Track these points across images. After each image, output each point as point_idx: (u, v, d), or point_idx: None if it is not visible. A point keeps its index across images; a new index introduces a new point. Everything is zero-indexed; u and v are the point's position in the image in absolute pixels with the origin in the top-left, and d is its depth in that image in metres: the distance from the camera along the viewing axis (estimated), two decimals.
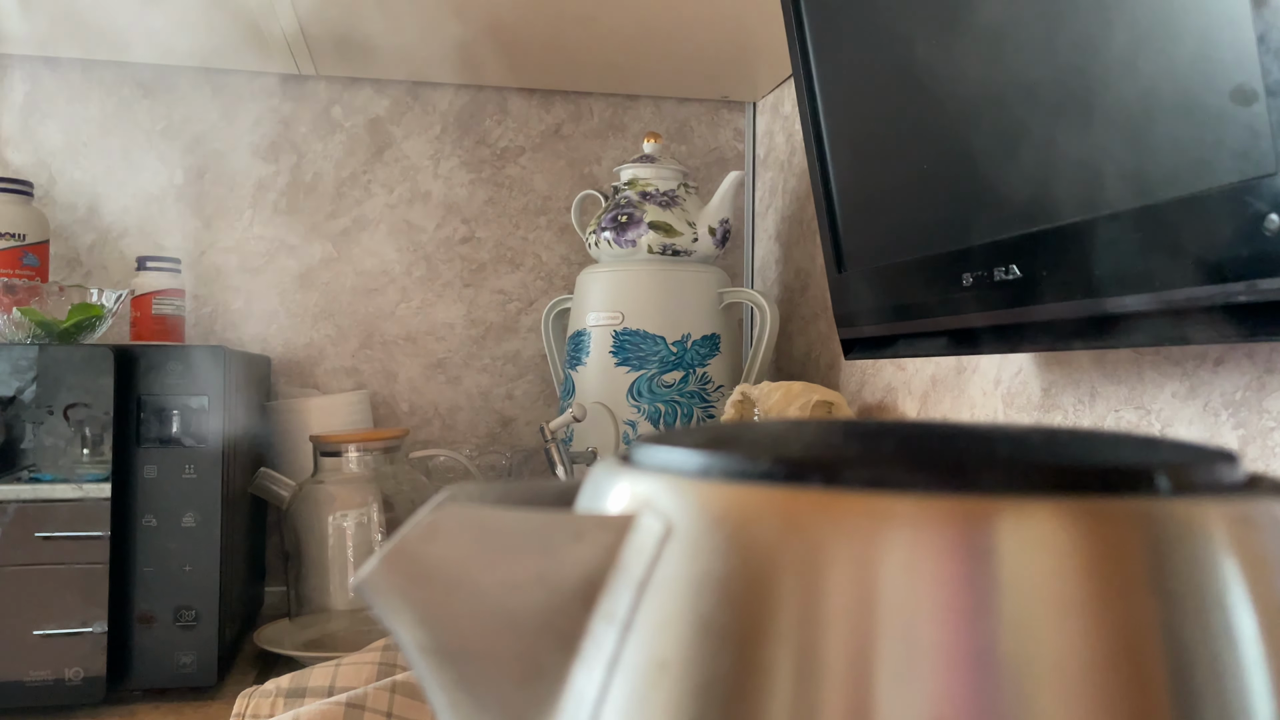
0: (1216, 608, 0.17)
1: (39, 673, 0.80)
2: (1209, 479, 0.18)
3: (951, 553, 0.16)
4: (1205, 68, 0.42)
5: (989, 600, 0.16)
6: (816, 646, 0.16)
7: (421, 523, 0.19)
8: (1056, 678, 0.16)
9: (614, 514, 0.19)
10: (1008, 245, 0.56)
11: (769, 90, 1.29)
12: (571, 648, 0.18)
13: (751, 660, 0.16)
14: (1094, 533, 0.16)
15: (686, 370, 1.06)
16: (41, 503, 0.81)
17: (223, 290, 1.21)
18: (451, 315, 1.27)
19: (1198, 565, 0.17)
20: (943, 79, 0.61)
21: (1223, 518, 0.17)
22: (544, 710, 0.18)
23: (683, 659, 0.17)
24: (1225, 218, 0.43)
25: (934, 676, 0.16)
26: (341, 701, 0.67)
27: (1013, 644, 0.16)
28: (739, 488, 0.18)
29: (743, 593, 0.17)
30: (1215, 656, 0.16)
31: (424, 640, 0.19)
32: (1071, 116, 0.50)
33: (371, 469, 1.00)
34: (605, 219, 1.10)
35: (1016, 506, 0.16)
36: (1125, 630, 0.16)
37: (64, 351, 0.84)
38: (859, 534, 0.16)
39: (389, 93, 1.26)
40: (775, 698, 0.16)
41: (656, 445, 0.20)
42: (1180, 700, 0.16)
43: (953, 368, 0.87)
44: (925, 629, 0.16)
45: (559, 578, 0.18)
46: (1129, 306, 0.49)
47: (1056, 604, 0.16)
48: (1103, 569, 0.16)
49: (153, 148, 1.20)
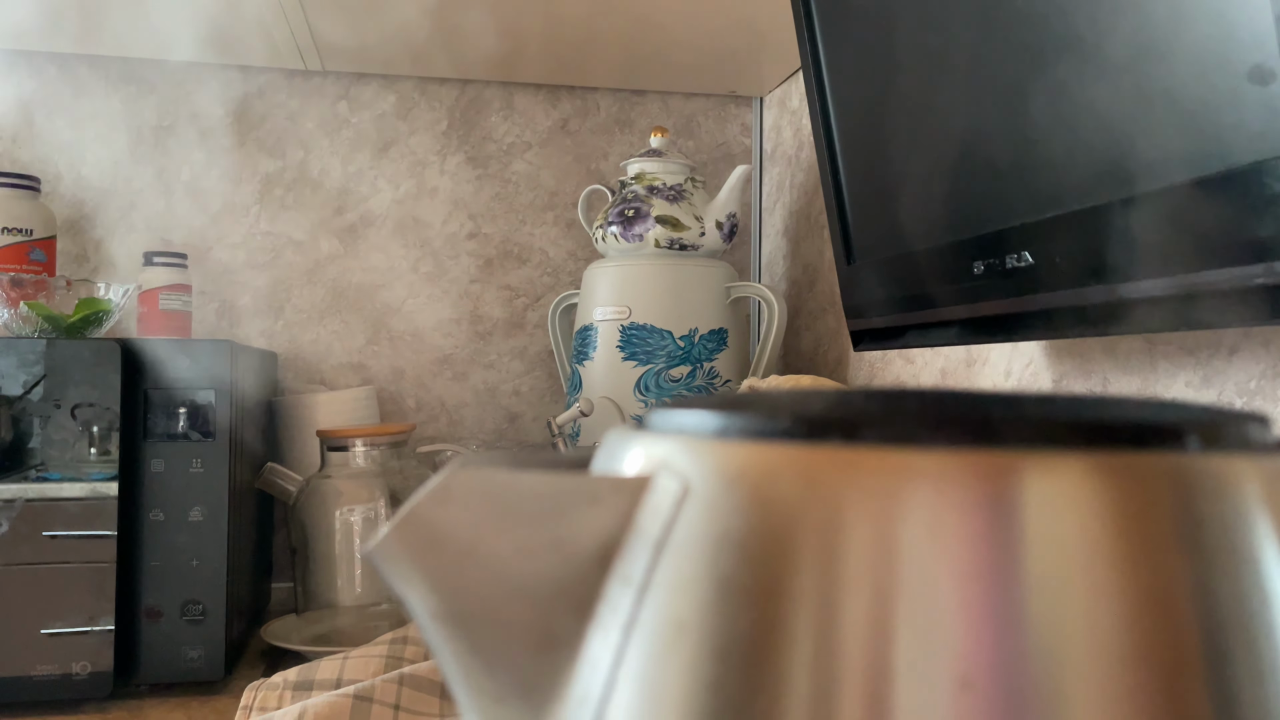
0: (1248, 563, 0.16)
1: (46, 667, 0.80)
2: (1240, 437, 0.18)
3: (976, 509, 0.16)
4: (1222, 48, 0.42)
5: (1014, 557, 0.16)
6: (838, 605, 0.16)
7: (434, 488, 0.18)
8: (1084, 635, 0.15)
9: (629, 476, 0.19)
10: (1019, 232, 0.56)
11: (776, 85, 1.29)
12: (586, 613, 0.18)
13: (772, 620, 0.16)
14: (1123, 488, 0.16)
15: (694, 365, 1.06)
16: (49, 501, 0.80)
17: (229, 286, 1.21)
18: (458, 311, 1.27)
19: (1229, 521, 0.16)
20: (951, 66, 0.61)
21: (1255, 473, 0.17)
22: (559, 676, 0.18)
23: (701, 620, 0.17)
24: (1242, 199, 0.42)
25: (958, 635, 0.15)
26: (349, 693, 0.67)
27: (1039, 602, 0.15)
28: (757, 446, 0.17)
29: (762, 551, 0.16)
30: (1248, 613, 0.16)
31: (436, 607, 0.18)
32: (1084, 100, 0.50)
33: (378, 464, 1.00)
34: (612, 213, 1.09)
35: (1043, 461, 0.16)
36: (1155, 586, 0.16)
37: (71, 346, 0.84)
38: (880, 491, 0.16)
39: (396, 88, 1.25)
40: (796, 658, 0.16)
41: (671, 409, 0.20)
42: (1212, 656, 0.15)
43: (962, 360, 0.87)
44: (949, 586, 0.16)
45: (574, 542, 0.18)
46: (1144, 292, 0.48)
47: (1084, 560, 0.15)
48: (1132, 524, 0.16)
49: (160, 143, 1.20)
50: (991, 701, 0.15)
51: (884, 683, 0.15)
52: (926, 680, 0.15)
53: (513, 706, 0.18)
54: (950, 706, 0.15)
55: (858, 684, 0.15)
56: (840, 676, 0.16)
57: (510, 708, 0.18)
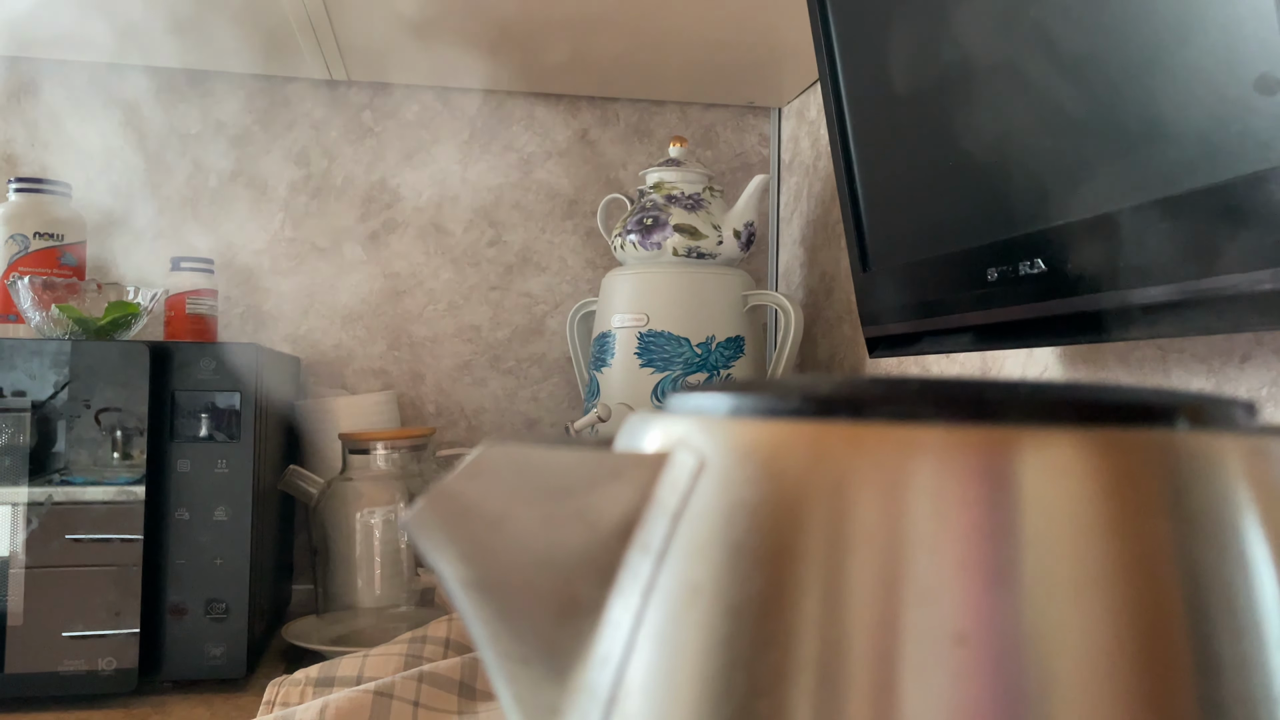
0: (1230, 532, 0.17)
1: (73, 663, 0.82)
2: (1224, 418, 0.19)
3: (975, 479, 0.17)
4: (1229, 57, 0.43)
5: (1009, 524, 0.17)
6: (843, 568, 0.17)
7: (466, 463, 0.20)
8: (1073, 596, 0.16)
9: (649, 452, 0.20)
10: (1033, 239, 0.57)
11: (794, 96, 1.30)
12: (609, 581, 0.19)
13: (781, 581, 0.17)
14: (1112, 461, 0.17)
15: (711, 372, 1.07)
16: (75, 505, 0.82)
17: (254, 291, 1.23)
18: (478, 317, 1.28)
19: (1212, 492, 0.17)
20: (965, 76, 0.62)
21: (1237, 449, 0.18)
22: (581, 639, 0.19)
23: (715, 582, 0.18)
24: (1250, 206, 0.43)
25: (955, 595, 0.16)
26: (370, 689, 0.68)
27: (1031, 565, 0.16)
28: (768, 423, 0.18)
29: (773, 519, 0.18)
30: (1227, 576, 0.17)
31: (466, 575, 0.19)
32: (1095, 109, 0.51)
33: (399, 467, 1.01)
34: (631, 222, 1.11)
35: (1038, 436, 0.17)
36: (1140, 551, 0.17)
37: (100, 348, 0.86)
38: (885, 463, 0.17)
39: (419, 98, 1.27)
40: (804, 617, 0.17)
41: (688, 393, 0.21)
42: (1193, 616, 0.16)
43: (977, 367, 0.88)
44: (947, 551, 0.17)
45: (597, 513, 0.19)
46: (1155, 297, 0.49)
47: (1075, 526, 0.17)
48: (1120, 494, 0.17)
49: (187, 151, 1.22)
50: (985, 655, 0.16)
51: (885, 638, 0.16)
52: (925, 636, 0.16)
53: (538, 667, 0.19)
54: (947, 660, 0.16)
55: (861, 640, 0.17)
56: (844, 633, 0.17)
57: (535, 669, 0.19)
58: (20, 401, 0.84)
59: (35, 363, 0.85)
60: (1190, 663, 0.16)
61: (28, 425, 0.84)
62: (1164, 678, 0.16)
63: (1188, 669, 0.16)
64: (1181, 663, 0.16)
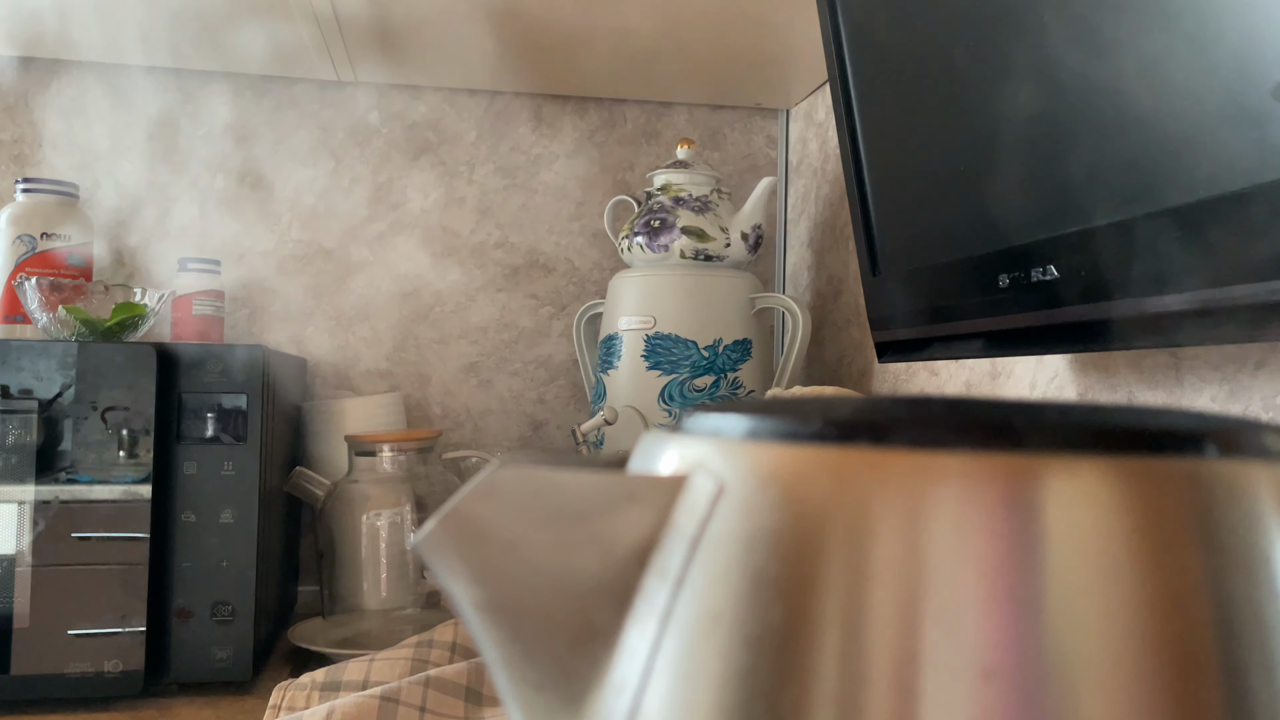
0: (1262, 564, 0.17)
1: (79, 665, 0.82)
2: (1255, 445, 0.18)
3: (999, 508, 0.16)
4: (1246, 65, 0.42)
5: (1035, 555, 0.16)
6: (866, 598, 0.17)
7: (478, 484, 0.19)
8: (1101, 628, 0.16)
9: (666, 475, 0.19)
10: (1046, 246, 0.56)
11: (802, 98, 1.30)
12: (625, 606, 0.19)
13: (802, 611, 0.17)
14: (1140, 490, 0.16)
15: (718, 375, 1.07)
16: (84, 504, 0.82)
17: (261, 292, 1.23)
18: (484, 319, 1.28)
19: (1243, 523, 0.17)
20: (978, 80, 0.62)
21: (1268, 479, 0.17)
22: (597, 665, 0.19)
23: (735, 611, 0.17)
24: (1267, 215, 0.43)
25: (981, 628, 0.16)
26: (376, 694, 0.68)
27: (1058, 597, 0.16)
28: (790, 448, 0.18)
29: (794, 547, 0.17)
30: (1259, 610, 0.16)
31: (479, 597, 0.19)
32: (1110, 116, 0.50)
33: (405, 469, 1.01)
34: (638, 224, 1.10)
35: (1064, 464, 0.17)
36: (1170, 584, 0.16)
37: (107, 349, 0.85)
38: (907, 490, 0.17)
39: (426, 99, 1.27)
40: (825, 647, 0.17)
41: (705, 413, 0.21)
42: (1224, 650, 0.16)
43: (987, 373, 0.87)
44: (973, 582, 0.16)
45: (613, 538, 0.19)
46: (1169, 306, 0.48)
47: (1103, 558, 0.16)
48: (1149, 525, 0.16)
49: (194, 152, 1.22)
50: (1013, 691, 0.16)
51: (909, 672, 0.16)
52: (951, 670, 0.16)
53: (552, 694, 0.19)
54: (973, 695, 0.16)
55: (884, 673, 0.16)
56: (867, 666, 0.16)
57: (550, 695, 0.19)
58: (27, 402, 0.84)
59: (42, 364, 0.85)
60: (1222, 697, 0.16)
61: (34, 425, 0.84)
62: (1195, 712, 0.16)
63: (1219, 703, 0.16)
64: (1213, 697, 0.16)
